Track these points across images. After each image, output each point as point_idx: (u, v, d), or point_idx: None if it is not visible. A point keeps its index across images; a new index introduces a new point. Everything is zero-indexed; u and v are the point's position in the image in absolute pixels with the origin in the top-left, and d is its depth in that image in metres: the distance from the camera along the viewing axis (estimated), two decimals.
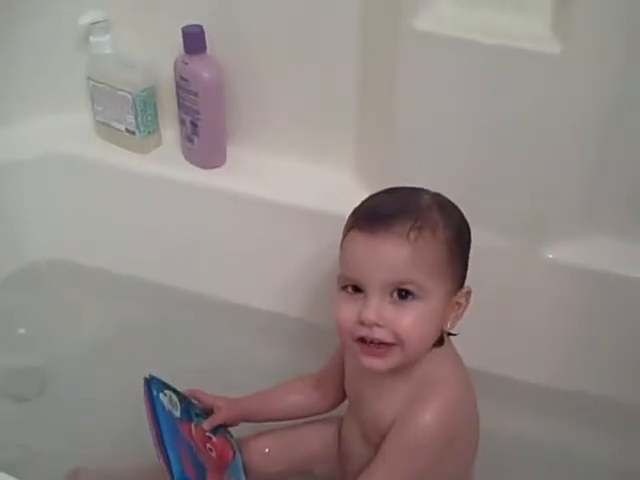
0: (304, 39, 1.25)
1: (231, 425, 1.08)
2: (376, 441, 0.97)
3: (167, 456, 0.94)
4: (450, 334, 0.97)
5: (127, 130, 1.39)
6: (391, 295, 0.88)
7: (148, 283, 1.43)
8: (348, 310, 0.90)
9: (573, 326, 1.21)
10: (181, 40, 1.27)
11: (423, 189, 0.95)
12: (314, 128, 1.32)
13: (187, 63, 1.28)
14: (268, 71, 1.30)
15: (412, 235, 0.87)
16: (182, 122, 1.35)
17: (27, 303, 1.41)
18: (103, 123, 1.42)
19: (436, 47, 1.09)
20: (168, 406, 1.00)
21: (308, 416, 1.12)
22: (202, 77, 1.28)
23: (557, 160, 1.12)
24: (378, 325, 0.88)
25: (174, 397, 1.03)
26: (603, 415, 1.22)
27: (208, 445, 1.02)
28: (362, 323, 0.89)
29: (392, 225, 0.88)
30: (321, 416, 1.13)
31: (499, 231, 1.17)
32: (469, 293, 0.94)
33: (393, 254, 0.87)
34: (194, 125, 1.32)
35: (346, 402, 1.08)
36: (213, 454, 1.01)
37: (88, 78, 1.40)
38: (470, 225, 0.95)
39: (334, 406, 1.11)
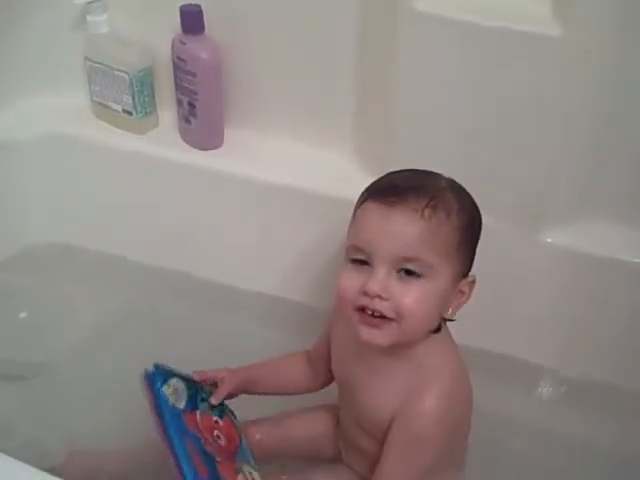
0: (303, 20, 1.24)
1: (233, 396, 1.06)
2: (371, 430, 0.97)
3: (177, 460, 0.93)
4: (448, 320, 0.97)
5: (124, 111, 1.38)
6: (398, 271, 0.88)
7: (145, 266, 1.42)
8: (352, 279, 0.90)
9: (571, 310, 1.21)
10: (179, 20, 1.26)
11: (440, 174, 0.95)
12: (313, 110, 1.31)
13: (185, 43, 1.27)
14: (266, 52, 1.29)
15: (427, 212, 0.87)
16: (179, 103, 1.34)
17: (26, 286, 1.41)
18: (100, 104, 1.41)
19: (436, 28, 1.09)
20: (172, 399, 0.98)
21: (301, 393, 1.12)
22: (200, 57, 1.27)
23: (556, 144, 1.12)
24: (381, 297, 0.87)
25: (180, 384, 1.01)
26: (602, 398, 1.23)
27: (216, 432, 1.00)
28: (365, 293, 0.88)
29: (408, 199, 0.88)
30: (313, 403, 1.14)
31: (498, 215, 1.16)
32: (474, 282, 0.95)
33: (406, 228, 0.87)
34: (192, 106, 1.32)
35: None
36: (222, 442, 1.00)
37: (85, 58, 1.39)
38: None
39: (324, 385, 1.11)
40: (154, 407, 0.97)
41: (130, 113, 1.38)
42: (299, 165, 1.30)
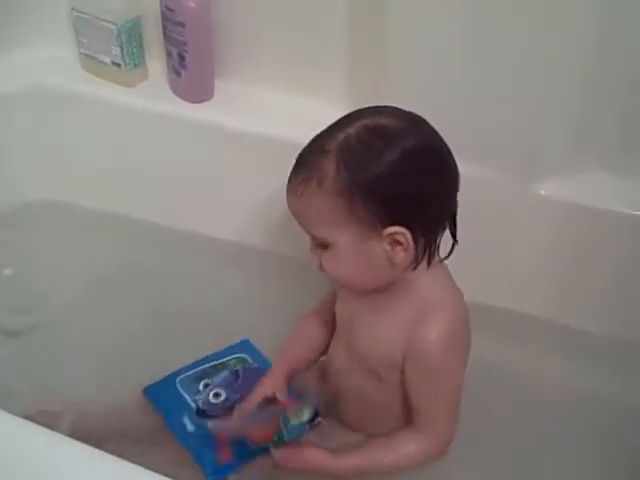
0: None
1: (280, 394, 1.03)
2: (372, 366, 0.99)
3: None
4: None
5: (113, 63, 1.36)
6: (317, 245, 0.93)
7: (133, 220, 1.42)
8: None
9: (564, 261, 1.21)
10: None
11: (352, 125, 0.89)
12: (304, 61, 1.29)
13: None
14: (257, 2, 1.27)
15: (300, 190, 0.89)
16: (169, 54, 1.32)
17: (17, 243, 1.39)
18: (88, 56, 1.39)
19: None
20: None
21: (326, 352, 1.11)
22: (188, 7, 1.25)
23: (549, 93, 1.10)
24: (316, 261, 0.94)
25: None
26: (594, 347, 1.24)
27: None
28: None
29: (291, 179, 0.92)
30: None
31: (491, 167, 1.16)
32: (402, 234, 0.88)
33: (293, 207, 0.92)
34: (181, 57, 1.29)
35: None
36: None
37: (72, 9, 1.36)
38: (463, 160, 0.93)
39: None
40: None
41: (119, 65, 1.36)
42: (290, 117, 1.28)
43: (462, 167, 1.03)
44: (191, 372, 1.10)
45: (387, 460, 0.97)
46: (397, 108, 0.92)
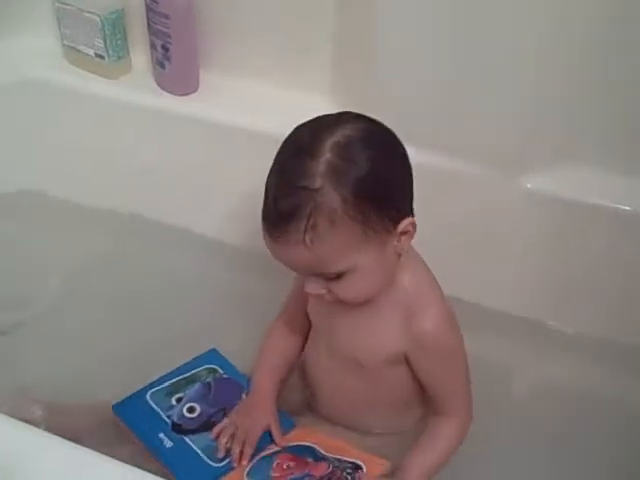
0: None
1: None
2: (355, 363, 0.98)
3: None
4: None
5: (96, 55, 1.35)
6: (323, 277, 0.89)
7: (115, 212, 1.41)
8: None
9: (550, 256, 1.21)
10: None
11: (319, 153, 0.84)
12: (289, 53, 1.28)
13: None
14: None
15: (308, 239, 0.83)
16: (153, 46, 1.31)
17: None
18: (71, 47, 1.37)
19: None
20: None
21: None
22: None
23: (537, 87, 1.10)
24: (322, 293, 0.90)
25: None
26: (584, 346, 1.24)
27: None
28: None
29: (288, 232, 0.84)
30: None
31: (479, 160, 1.16)
32: (412, 224, 0.89)
33: (298, 259, 0.86)
34: (165, 49, 1.28)
35: None
36: None
37: (55, 0, 1.34)
38: (449, 155, 0.93)
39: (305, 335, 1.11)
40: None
41: (102, 57, 1.34)
42: (275, 110, 1.26)
43: (449, 162, 1.04)
44: (162, 386, 1.07)
45: (441, 457, 0.99)
46: (344, 113, 0.90)
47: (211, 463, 0.97)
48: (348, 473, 0.94)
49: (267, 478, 0.94)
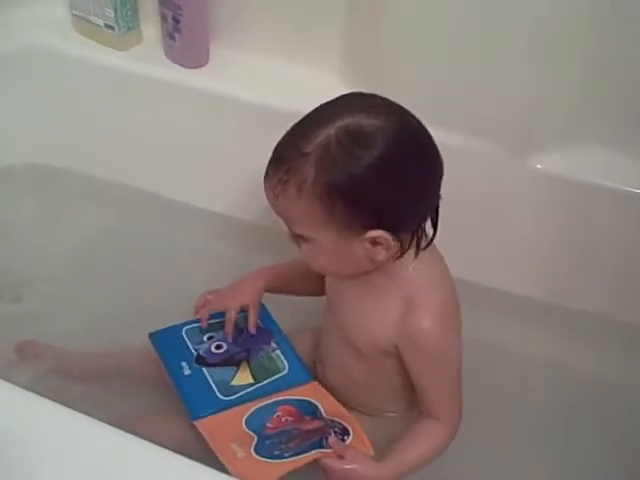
0: None
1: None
2: (358, 345, 0.99)
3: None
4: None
5: (106, 25, 1.34)
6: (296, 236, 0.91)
7: (120, 185, 1.41)
8: None
9: (560, 237, 1.21)
10: None
11: (352, 108, 0.85)
12: (300, 28, 1.27)
13: None
14: None
15: (278, 189, 0.87)
16: (164, 18, 1.30)
17: (2, 207, 1.38)
18: (80, 17, 1.36)
19: None
20: None
21: (315, 294, 1.10)
22: None
23: (547, 67, 1.10)
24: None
25: None
26: (587, 325, 1.24)
27: None
28: None
29: (269, 174, 0.88)
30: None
31: (488, 140, 1.15)
32: (383, 237, 0.86)
33: (271, 202, 0.90)
34: (176, 21, 1.27)
35: None
36: None
37: None
38: (458, 134, 0.92)
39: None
40: None
41: (112, 28, 1.33)
42: (284, 84, 1.26)
43: (457, 140, 1.03)
44: (198, 324, 1.10)
45: (419, 457, 0.96)
46: (384, 100, 0.87)
47: (219, 395, 1.01)
48: (335, 432, 0.94)
49: (262, 427, 0.96)
